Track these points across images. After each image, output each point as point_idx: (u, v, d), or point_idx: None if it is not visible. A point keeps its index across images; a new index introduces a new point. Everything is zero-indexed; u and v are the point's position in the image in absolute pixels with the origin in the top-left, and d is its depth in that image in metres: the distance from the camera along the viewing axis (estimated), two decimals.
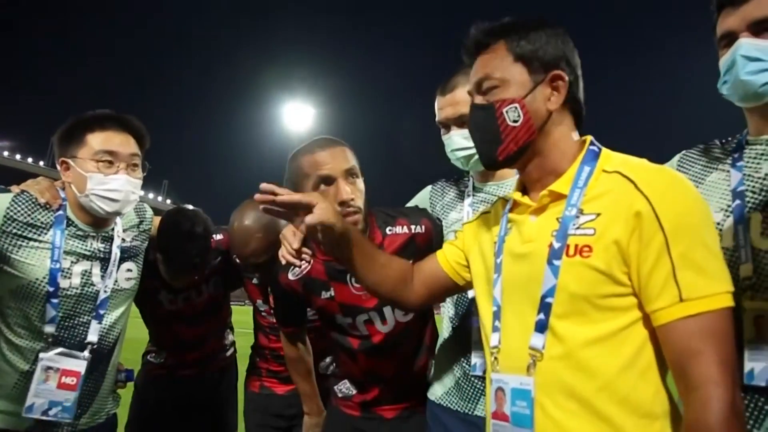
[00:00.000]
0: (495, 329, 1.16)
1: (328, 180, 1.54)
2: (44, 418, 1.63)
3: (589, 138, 1.18)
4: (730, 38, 1.27)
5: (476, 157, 1.56)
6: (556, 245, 1.05)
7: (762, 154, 1.29)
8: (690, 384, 0.92)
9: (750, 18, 1.23)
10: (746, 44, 1.23)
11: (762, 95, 1.23)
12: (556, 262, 1.04)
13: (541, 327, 1.05)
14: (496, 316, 1.16)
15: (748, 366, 1.16)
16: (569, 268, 1.03)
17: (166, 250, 2.06)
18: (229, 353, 2.62)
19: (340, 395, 1.87)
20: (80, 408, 1.71)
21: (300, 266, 1.71)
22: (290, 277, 1.75)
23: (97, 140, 1.69)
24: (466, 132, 1.65)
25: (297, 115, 46.99)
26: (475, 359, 1.63)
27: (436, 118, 1.79)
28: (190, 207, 2.23)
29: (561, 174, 1.13)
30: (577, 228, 1.05)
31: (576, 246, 1.03)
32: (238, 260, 2.21)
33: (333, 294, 1.71)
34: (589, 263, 1.01)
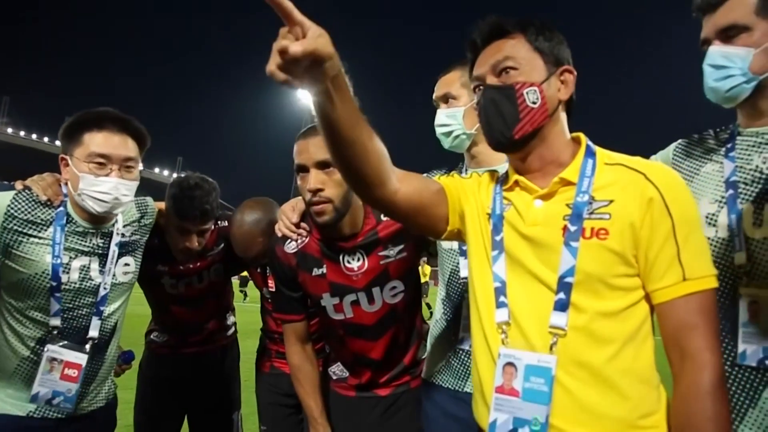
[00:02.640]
0: (501, 305, 1.18)
1: (303, 169, 1.63)
2: (39, 406, 1.70)
3: (583, 135, 1.25)
4: (707, 44, 1.34)
5: (454, 135, 1.76)
6: (572, 228, 1.11)
7: (752, 146, 1.34)
8: (686, 353, 1.05)
9: (718, 25, 1.31)
10: (713, 53, 1.32)
11: (731, 98, 1.31)
12: (573, 244, 1.10)
13: (562, 306, 1.10)
14: (501, 291, 1.19)
15: (741, 347, 1.27)
16: (586, 250, 1.10)
17: (177, 200, 2.12)
18: (230, 332, 2.70)
19: (334, 377, 1.92)
20: (78, 395, 1.76)
21: (296, 240, 1.78)
22: (286, 249, 1.79)
23: (93, 141, 1.70)
24: (450, 110, 1.78)
25: (311, 98, 40.74)
26: (462, 333, 1.71)
27: (434, 96, 1.88)
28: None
29: (561, 164, 1.20)
30: (591, 213, 1.12)
31: (592, 229, 1.10)
32: None
33: (325, 271, 1.75)
34: (606, 245, 1.09)
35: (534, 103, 1.17)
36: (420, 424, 1.82)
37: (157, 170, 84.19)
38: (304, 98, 43.72)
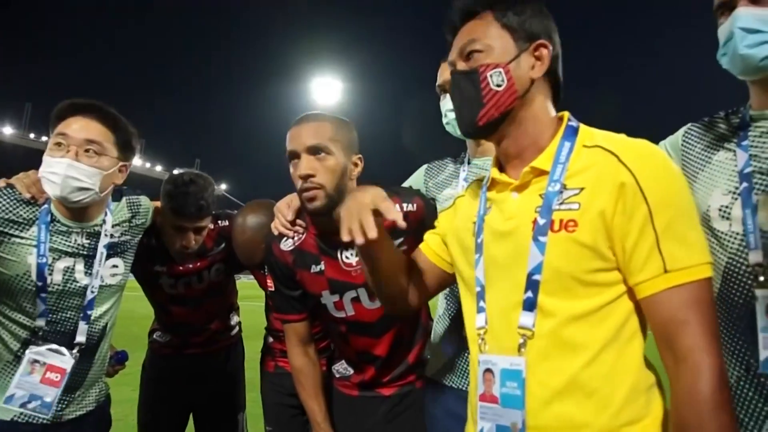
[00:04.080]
0: (480, 310, 1.14)
1: (294, 155, 1.60)
2: (22, 410, 1.63)
3: (567, 114, 1.16)
4: (728, 5, 1.19)
5: None
6: (541, 221, 1.03)
7: (766, 133, 1.22)
8: (678, 354, 0.93)
9: None
10: (745, 15, 1.15)
11: (763, 68, 1.16)
12: (541, 239, 1.02)
13: (530, 305, 1.03)
14: (480, 296, 1.14)
15: (763, 354, 1.14)
16: (555, 244, 1.01)
17: (172, 197, 2.08)
18: (234, 332, 2.65)
19: (338, 375, 1.88)
20: (65, 400, 1.71)
21: (293, 237, 1.75)
22: (282, 247, 1.75)
23: (59, 126, 1.65)
24: None
25: (325, 90, 42.21)
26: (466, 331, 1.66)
27: (437, 83, 1.82)
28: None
29: (540, 149, 1.12)
30: (561, 203, 1.03)
31: (561, 221, 1.02)
32: None
33: (323, 268, 1.71)
34: (575, 238, 1.00)
35: (499, 85, 1.10)
36: (425, 425, 1.76)
37: (176, 172, 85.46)
38: (321, 99, 44.19)
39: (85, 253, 1.75)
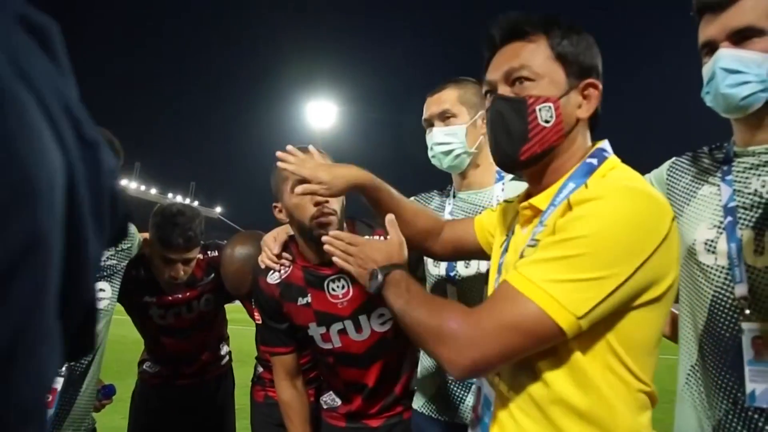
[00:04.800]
0: None
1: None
2: None
3: (598, 145, 1.10)
4: (711, 47, 1.22)
5: (455, 154, 1.68)
6: (514, 260, 1.03)
7: (750, 168, 1.24)
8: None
9: (730, 27, 1.18)
10: (725, 56, 1.18)
11: (744, 107, 1.19)
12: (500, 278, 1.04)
13: None
14: None
15: (749, 387, 1.14)
16: None
17: (161, 229, 2.09)
18: (224, 362, 2.63)
19: (325, 407, 1.89)
20: (53, 428, 1.69)
21: (279, 271, 1.75)
22: (269, 281, 1.76)
23: None
24: (450, 128, 1.69)
25: (320, 113, 42.25)
26: None
27: (423, 117, 1.80)
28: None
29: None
30: (533, 240, 1.02)
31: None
32: None
33: (310, 300, 1.72)
34: None
35: (547, 121, 1.04)
36: None
37: (171, 195, 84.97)
38: (316, 122, 44.46)
39: None
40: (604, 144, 1.12)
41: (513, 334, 0.90)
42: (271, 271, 1.77)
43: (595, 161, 1.06)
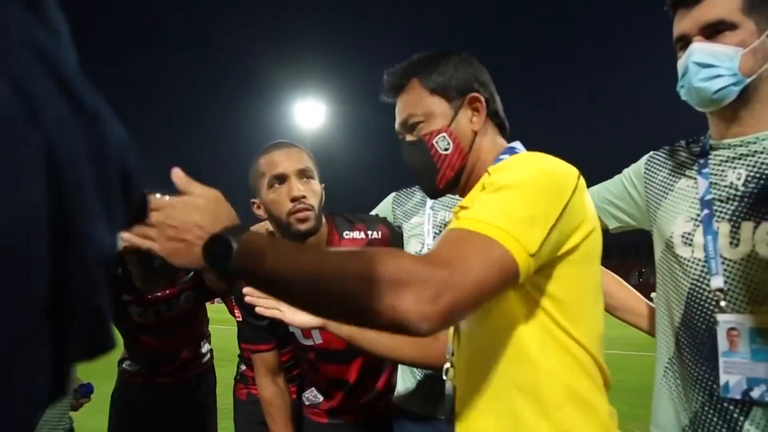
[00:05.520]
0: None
1: (282, 178, 1.60)
2: None
3: (508, 145, 1.20)
4: (685, 41, 1.25)
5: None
6: None
7: (726, 161, 1.26)
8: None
9: (702, 21, 1.21)
10: (698, 50, 1.21)
11: (717, 101, 1.21)
12: None
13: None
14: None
15: (723, 379, 1.17)
16: None
17: (141, 252, 1.93)
18: (205, 360, 2.60)
19: (307, 403, 1.89)
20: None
21: None
22: None
23: None
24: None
25: (309, 113, 41.99)
26: None
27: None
28: None
29: None
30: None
31: None
32: None
33: None
34: None
35: (446, 149, 1.15)
36: None
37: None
38: (304, 122, 44.31)
39: None
40: (516, 143, 1.20)
41: (486, 274, 0.84)
42: None
43: (506, 156, 1.15)
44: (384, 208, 2.01)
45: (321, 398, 1.86)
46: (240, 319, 1.85)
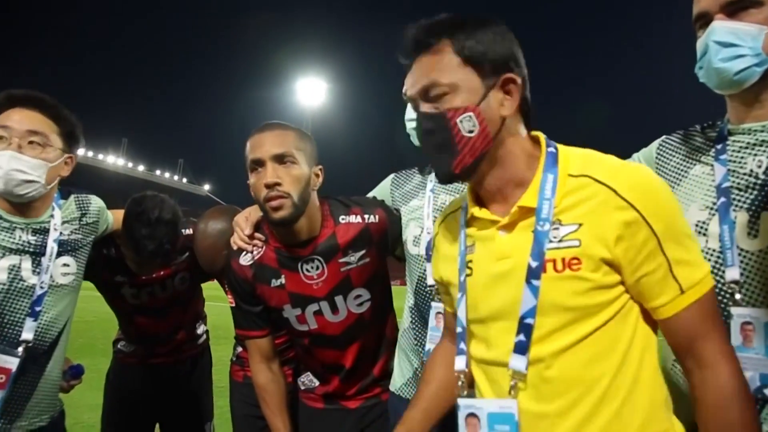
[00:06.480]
0: (460, 352, 1.10)
1: (259, 163, 1.56)
2: None
3: (542, 137, 1.10)
4: (705, 19, 1.19)
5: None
6: (534, 264, 1.00)
7: (745, 147, 1.20)
8: (703, 363, 0.97)
9: None
10: (719, 28, 1.15)
11: (738, 83, 1.15)
12: (535, 282, 0.99)
13: (522, 348, 1.00)
14: (461, 337, 1.10)
15: None
16: (557, 284, 0.98)
17: (134, 237, 2.00)
18: (200, 341, 2.58)
19: (303, 387, 1.87)
20: (14, 411, 1.62)
21: (252, 252, 1.70)
22: (242, 262, 1.71)
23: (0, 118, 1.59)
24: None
25: (310, 91, 42.21)
26: (429, 345, 1.62)
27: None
28: (157, 194, 2.15)
29: (520, 182, 1.06)
30: (560, 241, 0.99)
31: (563, 260, 0.99)
32: None
33: (284, 282, 1.67)
34: (580, 275, 0.97)
35: (471, 132, 1.02)
36: None
37: (158, 173, 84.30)
38: (305, 99, 44.02)
39: (31, 250, 1.68)
40: (545, 138, 1.11)
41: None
42: (244, 252, 1.71)
43: (552, 149, 1.07)
44: (382, 191, 1.95)
45: (317, 383, 1.83)
46: (233, 305, 1.81)
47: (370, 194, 1.96)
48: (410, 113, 1.66)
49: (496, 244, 1.07)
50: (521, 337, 1.00)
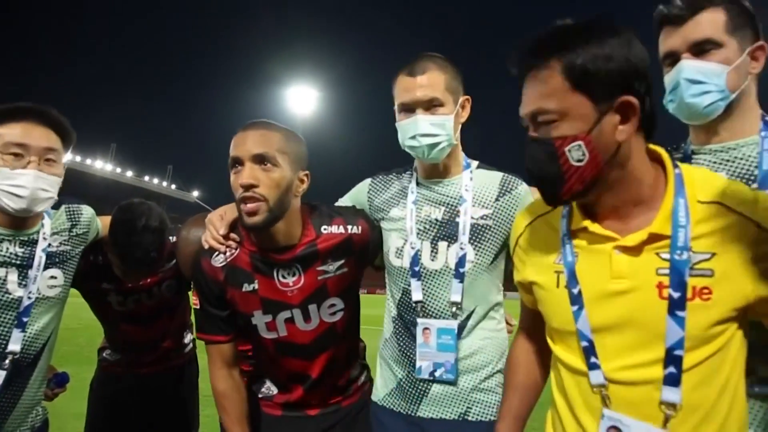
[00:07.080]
0: (593, 366, 1.07)
1: (238, 161, 1.52)
2: None
3: (665, 155, 1.08)
4: (674, 58, 1.30)
5: (440, 147, 1.58)
6: (676, 295, 0.98)
7: (708, 165, 1.32)
8: None
9: (690, 39, 1.26)
10: (688, 67, 1.26)
11: (707, 114, 1.28)
12: (680, 314, 0.98)
13: (674, 381, 0.99)
14: (590, 351, 1.07)
15: (418, 363, 1.54)
16: (690, 313, 0.98)
17: (120, 245, 2.00)
18: (187, 350, 2.57)
19: (260, 395, 1.80)
20: (1, 420, 1.61)
21: (224, 253, 1.65)
22: (213, 263, 1.64)
23: (10, 132, 1.57)
24: (435, 119, 1.58)
25: (301, 99, 42.11)
26: (420, 362, 1.62)
27: (399, 100, 1.65)
28: (144, 201, 2.15)
29: (641, 201, 1.04)
30: (692, 268, 0.98)
31: (694, 288, 0.98)
32: None
33: (256, 287, 1.62)
34: (710, 306, 0.97)
35: (580, 161, 0.99)
36: None
37: (147, 178, 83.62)
38: (296, 107, 44.00)
39: (18, 262, 1.66)
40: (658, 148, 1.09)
41: None
42: (216, 253, 1.65)
43: (678, 170, 1.06)
44: (358, 196, 1.86)
45: (275, 391, 1.78)
46: (198, 307, 1.75)
47: (343, 199, 1.90)
48: (422, 128, 1.60)
49: (612, 263, 1.05)
50: (671, 369, 0.99)
